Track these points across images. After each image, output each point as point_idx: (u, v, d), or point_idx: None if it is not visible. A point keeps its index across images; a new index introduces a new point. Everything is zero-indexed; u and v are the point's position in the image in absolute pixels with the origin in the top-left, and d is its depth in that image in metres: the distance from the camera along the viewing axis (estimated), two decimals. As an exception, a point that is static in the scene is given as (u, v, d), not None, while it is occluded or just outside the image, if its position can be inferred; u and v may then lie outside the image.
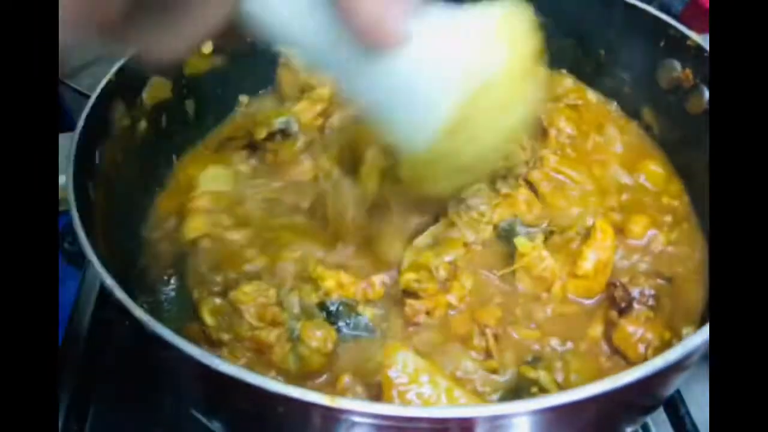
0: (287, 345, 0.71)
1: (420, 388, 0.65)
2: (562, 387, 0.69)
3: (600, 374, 0.70)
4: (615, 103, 1.04)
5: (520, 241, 0.78)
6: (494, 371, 0.71)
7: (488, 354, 0.72)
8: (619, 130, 0.98)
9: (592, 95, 1.05)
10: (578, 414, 0.56)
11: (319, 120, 0.95)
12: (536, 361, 0.72)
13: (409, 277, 0.75)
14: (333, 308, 0.74)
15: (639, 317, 0.73)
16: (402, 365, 0.66)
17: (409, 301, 0.74)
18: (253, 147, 0.93)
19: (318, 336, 0.70)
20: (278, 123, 0.93)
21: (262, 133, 0.92)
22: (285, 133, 0.92)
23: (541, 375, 0.69)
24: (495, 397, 0.70)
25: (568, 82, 1.08)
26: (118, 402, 0.86)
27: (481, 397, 0.69)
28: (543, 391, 0.68)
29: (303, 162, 0.91)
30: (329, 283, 0.75)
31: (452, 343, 0.74)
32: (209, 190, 0.89)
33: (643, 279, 0.76)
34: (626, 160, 0.94)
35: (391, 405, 0.54)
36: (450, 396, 0.65)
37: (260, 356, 0.72)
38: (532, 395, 0.66)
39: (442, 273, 0.76)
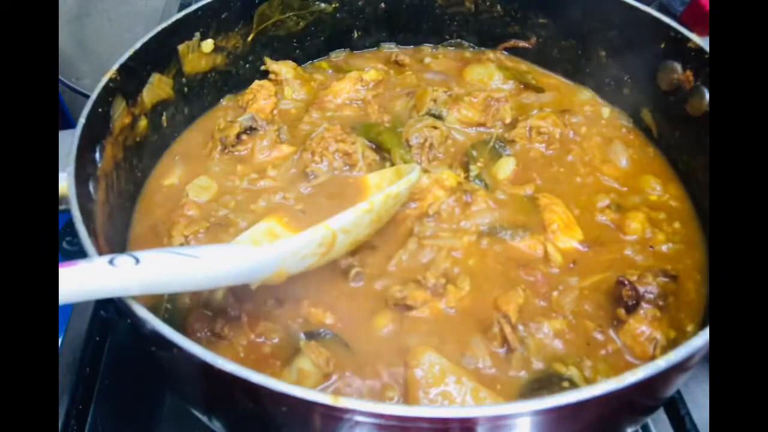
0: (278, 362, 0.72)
1: (446, 388, 0.66)
2: (590, 383, 0.69)
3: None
4: (627, 118, 1.04)
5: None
6: (516, 365, 0.71)
7: (507, 345, 0.72)
8: (625, 145, 0.99)
9: (605, 110, 1.05)
10: (580, 415, 0.56)
11: (273, 111, 1.05)
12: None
13: (395, 290, 0.76)
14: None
15: (647, 315, 0.73)
16: (428, 366, 0.67)
17: (405, 314, 0.75)
18: (224, 147, 0.96)
19: (323, 351, 0.70)
20: (244, 120, 0.97)
21: (233, 132, 0.95)
22: (252, 128, 0.97)
23: (573, 372, 0.69)
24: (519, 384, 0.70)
25: (586, 94, 1.09)
26: (118, 402, 0.86)
27: (504, 395, 0.69)
28: (574, 386, 0.68)
29: (282, 148, 0.97)
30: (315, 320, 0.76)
31: (471, 334, 0.74)
32: (196, 201, 0.90)
33: (651, 277, 0.76)
34: (628, 175, 0.95)
35: (392, 404, 0.54)
36: (476, 396, 0.66)
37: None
38: (562, 390, 0.66)
39: (432, 281, 0.76)
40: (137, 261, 0.56)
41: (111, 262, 0.55)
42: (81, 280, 0.53)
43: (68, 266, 0.53)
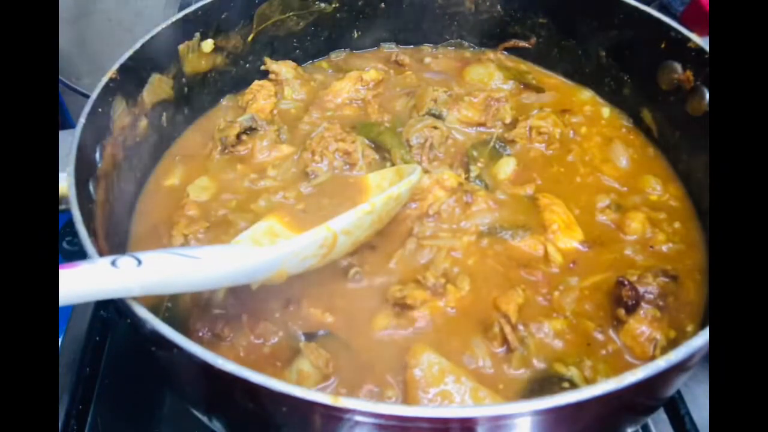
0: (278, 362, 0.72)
1: (445, 387, 0.66)
2: (590, 383, 0.69)
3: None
4: (627, 118, 1.04)
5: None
6: (516, 365, 0.71)
7: (507, 345, 0.72)
8: (625, 145, 0.99)
9: (606, 110, 1.06)
10: (580, 415, 0.56)
11: (273, 111, 1.06)
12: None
13: (395, 289, 0.76)
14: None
15: (646, 315, 0.73)
16: (427, 366, 0.67)
17: (404, 314, 0.75)
18: (224, 147, 0.96)
19: (322, 353, 0.70)
20: (244, 121, 0.97)
21: (233, 132, 0.95)
22: (251, 129, 0.97)
23: (573, 372, 0.69)
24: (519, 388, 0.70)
25: (586, 94, 1.09)
26: (118, 402, 0.86)
27: (504, 395, 0.69)
28: (574, 387, 0.68)
29: (282, 148, 0.98)
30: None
31: (471, 334, 0.74)
32: (197, 200, 0.90)
33: (651, 277, 0.76)
34: (628, 175, 0.95)
35: (392, 404, 0.54)
36: (475, 396, 0.66)
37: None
38: (562, 390, 0.66)
39: (431, 281, 0.77)
40: (139, 262, 0.56)
41: (113, 263, 0.55)
42: (83, 282, 0.53)
43: (70, 267, 0.53)
